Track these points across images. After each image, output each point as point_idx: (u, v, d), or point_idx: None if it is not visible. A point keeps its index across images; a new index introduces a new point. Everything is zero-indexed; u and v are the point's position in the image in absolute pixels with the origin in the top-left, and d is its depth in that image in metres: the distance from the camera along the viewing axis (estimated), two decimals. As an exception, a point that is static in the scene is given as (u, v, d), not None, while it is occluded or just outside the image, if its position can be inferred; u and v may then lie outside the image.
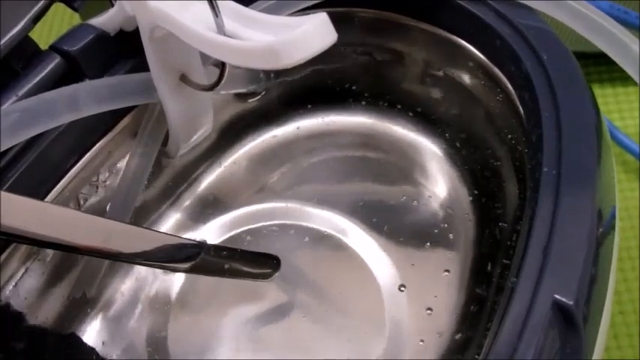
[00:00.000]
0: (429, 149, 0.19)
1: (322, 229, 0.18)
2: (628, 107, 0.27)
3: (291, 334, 0.17)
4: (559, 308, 0.11)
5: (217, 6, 0.12)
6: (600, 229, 0.13)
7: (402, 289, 0.17)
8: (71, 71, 0.14)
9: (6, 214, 0.12)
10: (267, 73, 0.18)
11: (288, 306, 0.17)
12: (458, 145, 0.19)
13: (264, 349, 0.17)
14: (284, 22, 0.12)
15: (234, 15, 0.12)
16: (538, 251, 0.12)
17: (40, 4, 0.14)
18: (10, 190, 0.14)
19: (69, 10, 0.15)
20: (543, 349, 0.11)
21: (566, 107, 0.14)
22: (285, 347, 0.17)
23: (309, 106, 0.20)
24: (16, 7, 0.14)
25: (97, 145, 0.16)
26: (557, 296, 0.11)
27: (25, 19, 0.13)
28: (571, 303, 0.11)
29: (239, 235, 0.19)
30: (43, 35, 0.26)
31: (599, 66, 0.27)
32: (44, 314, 0.16)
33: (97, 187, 0.16)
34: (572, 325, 0.11)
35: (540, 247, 0.12)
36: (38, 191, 0.15)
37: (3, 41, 0.13)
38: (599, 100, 0.22)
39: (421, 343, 0.16)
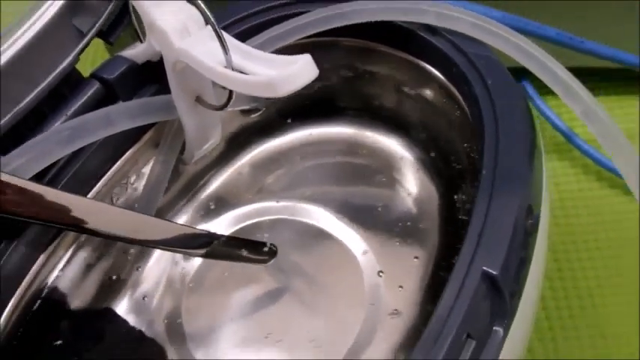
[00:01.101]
0: (404, 155, 0.23)
1: (312, 222, 0.22)
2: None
3: (285, 309, 0.20)
4: (487, 277, 0.14)
5: (227, 45, 0.16)
6: (530, 221, 0.16)
7: (381, 274, 0.21)
8: (108, 95, 0.18)
9: (62, 208, 0.15)
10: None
11: (283, 286, 0.21)
12: (428, 151, 0.22)
13: (263, 323, 0.20)
14: (278, 59, 0.15)
15: (239, 52, 0.16)
16: (474, 236, 0.15)
17: (85, 40, 0.17)
18: (61, 190, 0.17)
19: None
20: (475, 311, 0.14)
21: (504, 122, 0.17)
22: (280, 321, 0.20)
23: (303, 119, 0.23)
24: (64, 44, 0.17)
25: (127, 154, 0.19)
26: (485, 268, 0.14)
27: (73, 54, 0.17)
28: (496, 273, 0.14)
29: (242, 228, 0.22)
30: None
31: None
32: (84, 294, 0.19)
33: (127, 188, 0.20)
34: (498, 292, 0.14)
35: (476, 233, 0.15)
36: (82, 191, 0.18)
37: (56, 73, 0.17)
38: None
39: (395, 311, 0.20)
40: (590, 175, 0.28)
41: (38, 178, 0.16)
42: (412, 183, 0.22)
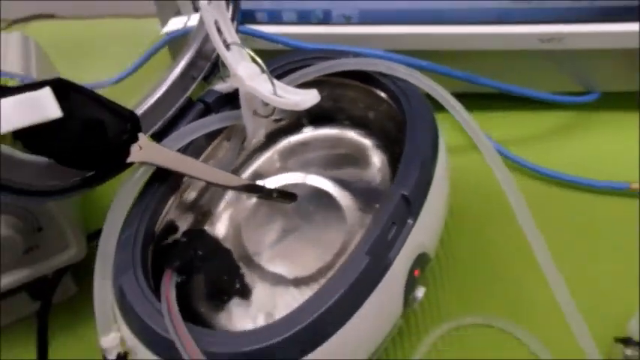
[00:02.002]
0: (371, 146, 0.38)
1: (315, 185, 0.37)
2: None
3: (299, 233, 0.35)
4: (403, 196, 0.29)
5: (274, 83, 0.31)
6: (429, 170, 0.31)
7: (360, 211, 0.36)
8: (206, 110, 0.33)
9: (190, 165, 0.30)
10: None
11: (298, 218, 0.35)
12: (383, 141, 0.37)
13: (286, 241, 0.35)
14: (299, 91, 0.30)
15: (279, 87, 0.31)
16: (399, 178, 0.30)
17: (196, 82, 0.32)
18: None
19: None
20: (398, 211, 0.29)
21: (418, 121, 0.32)
22: (295, 238, 0.35)
23: (310, 125, 0.39)
24: (186, 84, 0.33)
25: (214, 142, 0.34)
26: (402, 192, 0.29)
27: (191, 89, 0.32)
28: (407, 194, 0.29)
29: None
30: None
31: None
32: (190, 219, 0.34)
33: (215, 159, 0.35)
34: (409, 203, 0.29)
35: (399, 187, 0.30)
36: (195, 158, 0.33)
37: (182, 100, 0.32)
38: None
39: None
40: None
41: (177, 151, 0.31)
42: (376, 161, 0.38)
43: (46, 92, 0.25)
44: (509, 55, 0.43)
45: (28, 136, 0.26)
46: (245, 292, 0.33)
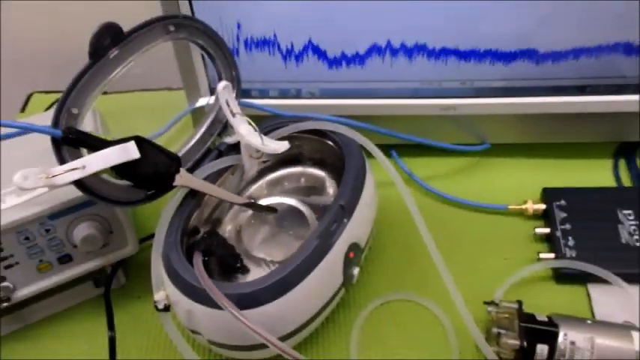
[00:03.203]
0: (326, 177, 0.58)
1: (290, 204, 0.56)
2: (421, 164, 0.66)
3: (279, 232, 0.54)
4: (340, 205, 0.48)
5: (263, 138, 0.50)
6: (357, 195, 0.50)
7: (316, 219, 0.55)
8: (220, 154, 0.52)
9: (210, 189, 0.49)
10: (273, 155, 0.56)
11: (278, 224, 0.55)
12: (333, 173, 0.57)
13: (269, 239, 0.54)
14: (278, 143, 0.50)
15: (266, 140, 0.50)
16: (337, 204, 0.49)
17: (212, 138, 0.52)
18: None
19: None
20: (337, 215, 0.48)
21: (353, 159, 0.51)
22: (274, 238, 0.54)
23: (284, 164, 0.58)
24: (205, 139, 0.52)
25: (224, 174, 0.53)
26: (340, 202, 0.48)
27: (209, 142, 0.52)
28: (343, 203, 0.48)
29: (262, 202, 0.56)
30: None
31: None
32: (205, 226, 0.53)
33: (224, 186, 0.54)
34: (344, 209, 0.48)
35: (338, 199, 0.49)
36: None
37: (204, 149, 0.51)
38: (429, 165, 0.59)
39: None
40: (411, 187, 0.64)
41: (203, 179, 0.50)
42: (329, 187, 0.57)
43: (131, 143, 0.44)
44: (424, 119, 0.63)
45: (119, 169, 0.45)
46: (243, 270, 0.51)
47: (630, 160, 0.67)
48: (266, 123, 0.55)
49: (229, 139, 0.53)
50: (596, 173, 0.66)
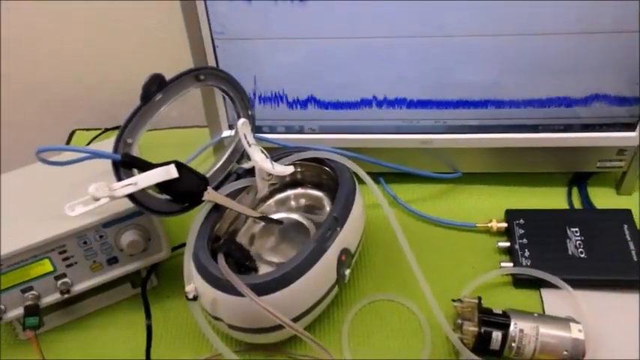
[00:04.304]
0: (324, 197, 0.70)
1: (295, 218, 0.69)
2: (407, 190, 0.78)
3: (284, 239, 0.67)
4: (334, 217, 0.61)
5: (273, 164, 0.63)
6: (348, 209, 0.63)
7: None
8: (238, 176, 0.65)
9: (230, 204, 0.62)
10: (281, 177, 0.69)
11: (284, 232, 0.67)
12: (329, 194, 0.70)
13: (278, 245, 0.66)
14: (285, 167, 0.63)
15: (275, 165, 0.63)
16: (332, 215, 0.62)
17: (232, 165, 0.65)
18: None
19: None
20: (329, 225, 0.60)
21: (345, 182, 0.64)
22: (281, 242, 0.66)
23: (290, 186, 0.71)
24: (226, 166, 0.65)
25: (242, 193, 0.66)
26: (334, 214, 0.61)
27: (229, 169, 0.65)
28: (336, 215, 0.61)
29: (272, 216, 0.69)
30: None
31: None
32: (225, 234, 0.66)
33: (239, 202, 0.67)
34: (337, 220, 0.61)
35: (332, 211, 0.62)
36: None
37: (224, 174, 0.64)
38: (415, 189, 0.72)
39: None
40: (396, 208, 0.76)
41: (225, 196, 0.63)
42: (327, 206, 0.70)
43: (172, 166, 0.57)
44: (406, 151, 0.75)
45: (161, 186, 0.58)
46: (255, 270, 0.64)
47: (581, 187, 0.79)
48: (275, 152, 0.68)
49: (245, 165, 0.66)
50: (553, 198, 0.78)
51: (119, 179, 0.55)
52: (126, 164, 0.56)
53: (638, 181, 0.77)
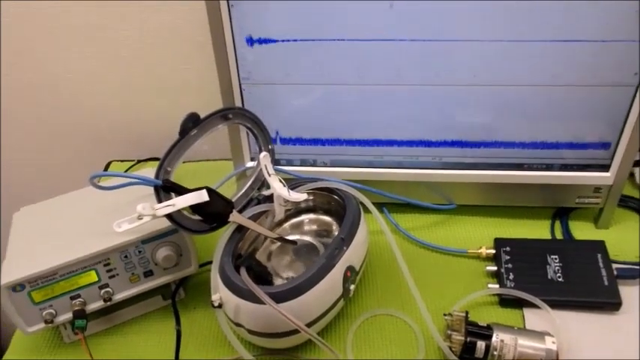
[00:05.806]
0: (332, 222, 0.80)
1: (306, 239, 0.79)
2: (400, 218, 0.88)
3: (297, 260, 0.76)
4: (340, 238, 0.70)
5: (290, 192, 0.73)
6: (353, 231, 0.73)
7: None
8: (259, 202, 0.75)
9: (253, 225, 0.72)
10: (296, 203, 0.79)
11: (297, 253, 0.77)
12: (338, 219, 0.79)
13: (292, 264, 0.76)
14: (299, 194, 0.73)
15: (291, 192, 0.73)
16: (339, 237, 0.72)
17: (253, 192, 0.75)
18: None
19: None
20: (338, 245, 0.70)
21: (351, 209, 0.74)
22: (293, 265, 0.76)
23: (303, 212, 0.81)
24: (249, 192, 0.75)
25: (262, 217, 0.76)
26: (341, 236, 0.71)
27: (251, 195, 0.75)
28: (343, 237, 0.70)
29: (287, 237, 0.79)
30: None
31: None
32: (246, 252, 0.75)
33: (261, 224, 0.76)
34: (343, 240, 0.70)
35: (340, 233, 0.72)
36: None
37: (245, 202, 0.74)
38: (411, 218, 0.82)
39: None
40: (397, 235, 0.86)
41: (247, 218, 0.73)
42: (335, 231, 0.79)
43: (204, 191, 0.67)
44: (407, 184, 0.85)
45: (194, 207, 0.68)
46: (271, 283, 0.73)
47: (563, 220, 0.88)
48: (291, 182, 0.78)
49: (265, 192, 0.76)
50: (538, 230, 0.87)
51: (159, 201, 0.66)
52: (166, 188, 0.66)
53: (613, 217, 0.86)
